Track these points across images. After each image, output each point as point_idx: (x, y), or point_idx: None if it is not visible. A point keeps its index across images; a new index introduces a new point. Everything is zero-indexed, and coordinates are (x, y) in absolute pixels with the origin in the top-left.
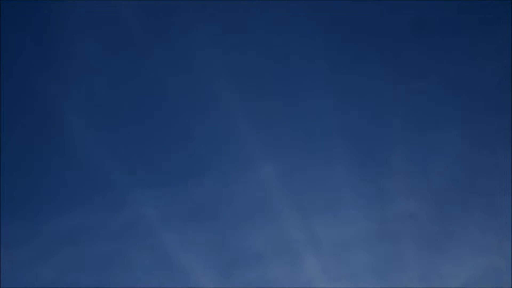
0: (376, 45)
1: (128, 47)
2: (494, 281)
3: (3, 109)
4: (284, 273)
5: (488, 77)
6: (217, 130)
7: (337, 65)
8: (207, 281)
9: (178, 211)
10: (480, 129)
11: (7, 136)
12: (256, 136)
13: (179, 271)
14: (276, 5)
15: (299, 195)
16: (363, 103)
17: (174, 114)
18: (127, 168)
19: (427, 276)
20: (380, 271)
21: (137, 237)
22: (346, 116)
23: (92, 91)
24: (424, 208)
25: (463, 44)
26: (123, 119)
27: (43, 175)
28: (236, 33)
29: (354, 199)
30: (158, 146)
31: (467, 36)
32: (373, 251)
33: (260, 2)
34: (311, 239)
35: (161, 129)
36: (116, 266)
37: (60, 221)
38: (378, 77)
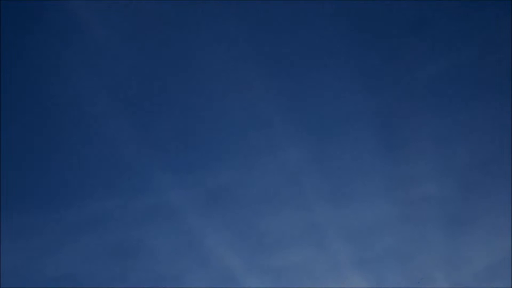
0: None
1: (153, 32)
2: None
3: (29, 96)
4: (308, 257)
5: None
6: (242, 115)
7: (357, 52)
8: (231, 266)
9: (202, 195)
10: (504, 112)
11: (32, 123)
12: (281, 121)
13: (203, 255)
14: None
15: (324, 180)
16: (386, 88)
17: (198, 99)
18: (150, 153)
19: (450, 259)
20: (404, 254)
21: (160, 222)
22: (370, 101)
23: (116, 77)
24: (447, 191)
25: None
26: (147, 104)
27: (65, 161)
28: (263, 25)
29: (379, 182)
30: (182, 131)
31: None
32: (398, 235)
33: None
34: (336, 223)
35: (186, 114)
36: (138, 252)
37: (82, 207)
38: (398, 61)
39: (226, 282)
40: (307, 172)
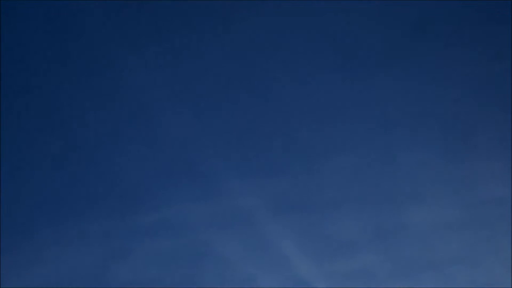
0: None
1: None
2: None
3: (91, 99)
4: (375, 260)
5: None
6: (310, 117)
7: (413, 50)
8: (300, 270)
9: (271, 200)
10: None
11: (96, 126)
12: (347, 122)
13: (271, 260)
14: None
15: (385, 183)
16: (445, 85)
17: (272, 103)
18: (220, 156)
19: None
20: (471, 257)
21: (230, 226)
22: (428, 100)
23: (185, 77)
24: None
25: None
26: (219, 105)
27: (134, 166)
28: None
29: (441, 184)
30: (251, 135)
31: None
32: (465, 238)
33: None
34: (402, 226)
35: (258, 118)
36: (208, 256)
37: (151, 212)
38: (458, 57)
39: (295, 286)
40: (372, 174)
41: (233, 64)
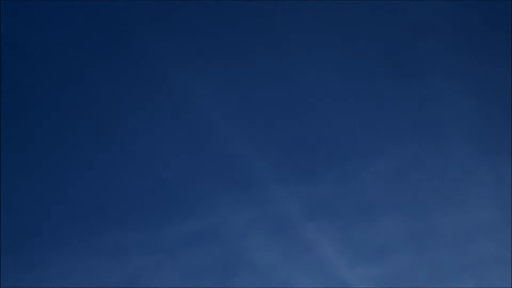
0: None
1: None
2: None
3: (138, 105)
4: (409, 264)
5: None
6: (347, 124)
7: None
8: (334, 276)
9: (306, 206)
10: None
11: (138, 128)
12: (376, 128)
13: (309, 266)
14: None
15: (418, 187)
16: (478, 90)
17: (312, 110)
18: (262, 162)
19: None
20: (507, 259)
21: (264, 234)
22: (461, 104)
23: (229, 80)
24: None
25: None
26: (261, 110)
27: (172, 171)
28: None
29: (475, 187)
30: (286, 139)
31: None
32: (499, 240)
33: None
34: (437, 229)
35: (299, 125)
36: (241, 266)
37: (183, 223)
38: (487, 62)
39: None
40: (401, 180)
41: (280, 67)
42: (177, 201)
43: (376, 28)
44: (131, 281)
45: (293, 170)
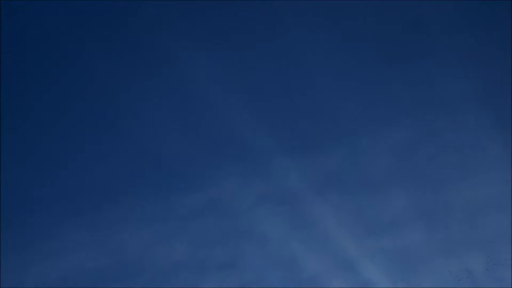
0: None
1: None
2: None
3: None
4: (417, 239)
5: None
6: (355, 99)
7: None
8: (345, 248)
9: (315, 179)
10: None
11: (152, 116)
12: (386, 102)
13: (316, 240)
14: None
15: (430, 161)
16: (489, 69)
17: (319, 87)
18: (267, 136)
19: None
20: None
21: (275, 205)
22: (474, 82)
23: (237, 61)
24: None
25: None
26: (269, 88)
27: (177, 146)
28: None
29: (487, 162)
30: (296, 115)
31: None
32: (510, 215)
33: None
34: (447, 203)
35: (307, 100)
36: (253, 235)
37: (198, 193)
38: (498, 44)
39: (339, 264)
40: (413, 154)
41: (283, 59)
42: (187, 175)
43: (393, 7)
44: (143, 251)
45: (303, 145)
